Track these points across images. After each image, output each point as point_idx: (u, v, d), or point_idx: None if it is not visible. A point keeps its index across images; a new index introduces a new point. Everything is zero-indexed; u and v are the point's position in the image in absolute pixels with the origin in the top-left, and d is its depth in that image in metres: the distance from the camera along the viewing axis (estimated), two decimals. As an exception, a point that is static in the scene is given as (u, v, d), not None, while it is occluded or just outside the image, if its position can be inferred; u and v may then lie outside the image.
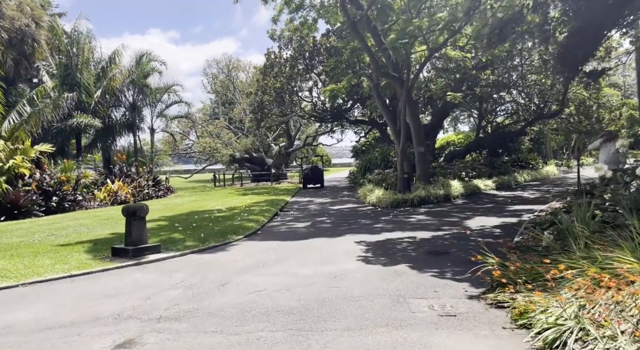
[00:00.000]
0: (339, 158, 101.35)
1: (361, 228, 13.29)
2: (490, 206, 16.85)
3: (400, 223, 13.90)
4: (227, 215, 16.76)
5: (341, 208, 18.93)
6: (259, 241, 11.82)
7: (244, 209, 18.83)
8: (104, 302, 6.74)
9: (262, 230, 13.88)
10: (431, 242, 10.63)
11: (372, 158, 26.86)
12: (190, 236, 12.11)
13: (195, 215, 17.11)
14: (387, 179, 22.88)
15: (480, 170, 24.03)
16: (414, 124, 20.42)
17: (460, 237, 11.01)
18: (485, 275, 6.46)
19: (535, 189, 22.71)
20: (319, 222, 15.02)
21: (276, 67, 29.61)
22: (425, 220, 14.19)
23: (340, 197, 23.77)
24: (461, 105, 28.43)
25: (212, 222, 15.02)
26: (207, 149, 35.19)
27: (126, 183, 26.30)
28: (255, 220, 15.22)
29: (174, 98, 31.90)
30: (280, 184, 37.31)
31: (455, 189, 19.87)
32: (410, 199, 18.21)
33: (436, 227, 12.77)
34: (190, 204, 22.21)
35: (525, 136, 30.77)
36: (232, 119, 44.40)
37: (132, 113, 29.65)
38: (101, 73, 26.71)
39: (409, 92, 19.89)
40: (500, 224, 12.70)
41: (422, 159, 20.44)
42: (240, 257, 9.70)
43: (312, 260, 9.09)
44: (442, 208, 17.11)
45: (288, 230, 13.74)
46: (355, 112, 36.74)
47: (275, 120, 33.66)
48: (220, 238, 11.89)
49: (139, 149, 30.84)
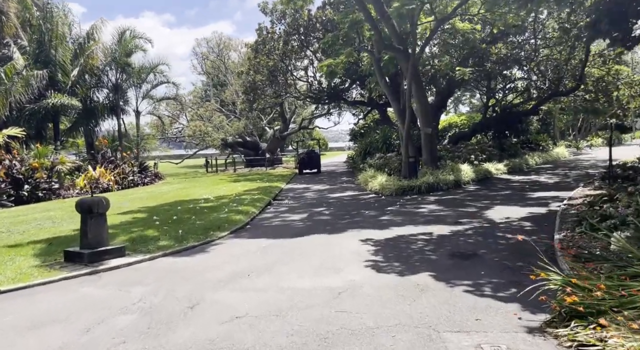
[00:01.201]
0: (335, 142, 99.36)
1: (365, 221, 11.52)
2: (508, 193, 15.09)
3: (409, 215, 12.14)
4: (214, 206, 14.98)
5: (341, 196, 17.16)
6: (246, 239, 10.04)
7: (233, 197, 17.04)
8: (23, 337, 4.94)
9: (252, 224, 12.09)
10: (452, 240, 8.86)
11: (372, 141, 25.02)
12: (167, 233, 10.32)
13: (179, 206, 15.32)
14: (390, 164, 21.07)
15: (490, 153, 22.24)
16: (421, 102, 18.54)
17: (485, 233, 9.26)
18: (543, 293, 4.70)
19: (551, 173, 20.98)
20: (317, 214, 13.25)
21: (268, 44, 27.49)
22: (438, 211, 12.42)
23: (339, 184, 21.99)
24: (467, 83, 26.51)
25: (195, 214, 13.23)
26: (197, 133, 33.19)
27: (108, 169, 24.26)
28: (245, 211, 13.43)
29: (161, 78, 29.82)
30: (274, 170, 35.46)
31: (466, 174, 18.10)
32: (417, 185, 16.43)
33: (453, 219, 11.01)
34: (176, 192, 20.40)
35: (535, 116, 28.92)
36: (224, 101, 42.28)
37: (115, 94, 27.59)
38: (78, 50, 24.56)
39: (415, 66, 17.96)
40: (528, 215, 10.94)
41: (429, 142, 18.61)
42: (221, 262, 7.92)
43: (309, 268, 7.32)
44: (454, 196, 15.35)
45: (281, 224, 11.96)
46: (353, 93, 34.73)
47: (269, 102, 31.62)
48: (202, 235, 10.10)
49: (124, 133, 28.88)
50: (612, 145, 18.90)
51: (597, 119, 44.84)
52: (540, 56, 23.29)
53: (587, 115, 41.98)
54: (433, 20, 20.10)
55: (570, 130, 42.08)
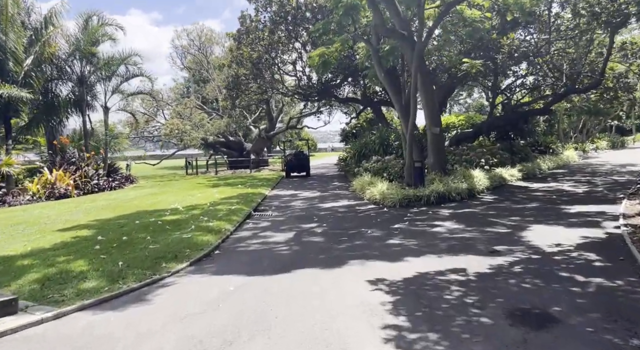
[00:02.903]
0: (323, 143, 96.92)
1: (369, 246, 8.87)
2: (537, 206, 12.52)
3: (424, 236, 9.51)
4: (181, 219, 12.24)
5: (334, 207, 14.50)
6: (209, 276, 7.31)
7: (207, 208, 14.32)
8: None
9: (223, 248, 9.37)
10: (499, 284, 6.24)
11: (368, 142, 22.38)
12: (102, 266, 7.55)
13: (138, 219, 12.55)
14: (389, 168, 18.48)
15: (501, 156, 19.73)
16: (427, 97, 15.97)
17: (541, 271, 6.66)
18: None
19: (571, 180, 18.54)
20: (307, 233, 10.56)
21: (252, 34, 24.71)
22: (459, 231, 9.81)
23: (331, 190, 19.32)
24: (472, 79, 24.03)
25: (154, 232, 10.48)
26: (174, 132, 30.23)
27: (68, 172, 21.40)
28: (216, 229, 10.71)
29: (134, 71, 26.88)
30: (260, 172, 32.70)
31: (480, 182, 15.55)
32: (425, 195, 13.84)
33: (484, 245, 8.41)
34: (142, 200, 17.57)
35: (543, 116, 26.54)
36: (206, 98, 39.33)
37: (80, 88, 24.60)
38: (34, 36, 21.56)
39: (421, 55, 15.38)
40: (583, 240, 8.38)
41: (436, 143, 16.05)
42: (161, 327, 5.20)
43: (296, 344, 4.63)
44: (471, 208, 12.77)
45: (260, 248, 9.25)
46: (345, 90, 32.12)
47: (253, 99, 28.83)
48: (148, 270, 7.37)
49: (91, 131, 25.88)
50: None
51: (599, 121, 42.87)
52: (554, 49, 20.86)
53: (590, 117, 39.92)
54: (440, 5, 17.62)
55: (572, 132, 39.96)
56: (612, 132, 48.28)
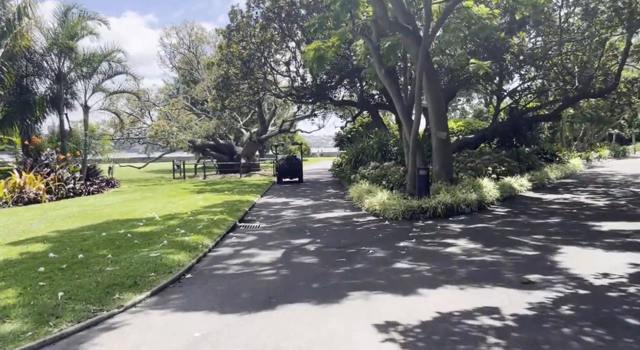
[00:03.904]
0: (316, 148, 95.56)
1: (373, 271, 7.34)
2: (559, 222, 11.06)
3: (437, 258, 8.00)
4: (154, 232, 10.66)
5: (329, 218, 12.97)
6: (171, 314, 5.72)
7: (186, 217, 12.77)
8: None
9: (196, 270, 7.80)
10: (556, 338, 4.70)
11: (365, 147, 20.87)
12: (35, 298, 5.95)
13: (106, 231, 10.96)
14: (389, 175, 17.01)
15: (509, 164, 18.30)
16: (433, 98, 14.53)
17: (599, 315, 5.15)
18: None
19: (585, 191, 17.15)
20: (298, 251, 9.02)
21: (243, 30, 23.20)
22: (477, 253, 8.31)
23: (326, 198, 17.80)
24: (475, 81, 22.68)
25: (118, 248, 8.90)
26: (160, 133, 28.54)
27: (40, 175, 19.72)
28: (192, 244, 9.15)
29: (117, 68, 25.24)
30: (250, 177, 31.12)
31: (490, 192, 14.10)
32: (431, 206, 12.35)
33: (513, 273, 6.91)
34: (118, 207, 15.95)
35: (549, 122, 25.24)
36: (196, 99, 37.70)
37: (57, 85, 22.94)
38: (6, 28, 19.93)
39: (427, 51, 13.94)
40: (634, 269, 6.90)
41: (442, 150, 14.58)
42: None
43: None
44: (485, 223, 11.29)
45: (241, 271, 7.69)
46: (341, 92, 30.69)
47: (244, 100, 27.26)
48: (95, 303, 5.78)
49: (68, 131, 24.16)
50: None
51: (599, 129, 41.78)
52: (564, 50, 19.54)
53: (591, 125, 38.79)
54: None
55: (573, 140, 38.81)
56: (612, 141, 47.23)
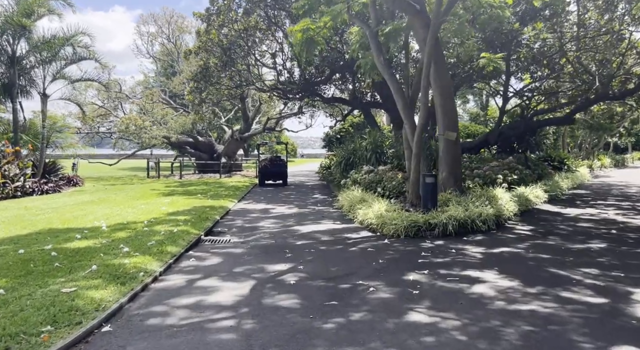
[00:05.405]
0: (303, 148, 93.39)
1: (377, 328, 5.00)
2: (607, 248, 8.84)
3: (465, 307, 5.70)
4: (90, 248, 8.23)
5: (316, 232, 10.63)
6: None
7: (140, 228, 10.35)
8: None
9: (120, 320, 5.34)
10: None
11: (357, 148, 18.57)
12: None
13: (28, 246, 8.51)
14: (385, 181, 14.74)
15: (521, 172, 16.16)
16: (443, 92, 12.30)
17: None
18: None
19: (605, 204, 15.09)
20: (272, 285, 6.64)
21: (224, 14, 20.74)
22: (518, 296, 6.03)
23: (312, 206, 15.47)
24: (480, 78, 20.57)
25: (23, 277, 6.48)
26: (131, 128, 25.89)
27: (-20, 171, 17.07)
28: (131, 272, 6.75)
29: (83, 53, 22.58)
30: (230, 178, 28.68)
31: (507, 205, 11.88)
32: (441, 222, 10.08)
33: (592, 340, 4.64)
34: (64, 211, 13.43)
35: (560, 126, 23.27)
36: (174, 92, 35.05)
37: (11, 69, 20.26)
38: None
39: (436, 35, 11.69)
40: None
41: (452, 153, 12.35)
42: None
43: None
44: (509, 246, 9.04)
45: (186, 322, 5.25)
46: (331, 89, 28.40)
47: (224, 93, 24.79)
48: None
49: (23, 122, 21.45)
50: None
51: (597, 137, 40.17)
52: (582, 46, 17.51)
53: (590, 132, 37.10)
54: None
55: (572, 147, 37.11)
56: (609, 149, 45.72)
